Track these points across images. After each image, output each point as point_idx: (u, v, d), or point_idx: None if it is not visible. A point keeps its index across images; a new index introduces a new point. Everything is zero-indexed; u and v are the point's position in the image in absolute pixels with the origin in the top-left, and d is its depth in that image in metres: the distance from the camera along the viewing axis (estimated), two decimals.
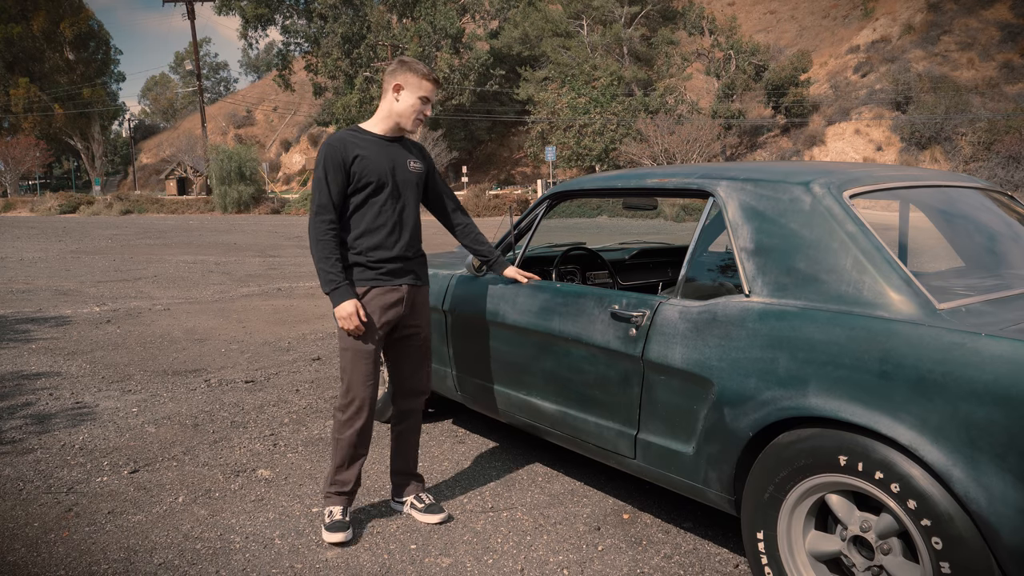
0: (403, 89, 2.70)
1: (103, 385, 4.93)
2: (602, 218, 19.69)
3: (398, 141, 2.79)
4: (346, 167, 2.64)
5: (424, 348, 2.93)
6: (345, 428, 2.76)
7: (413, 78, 2.69)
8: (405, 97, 2.70)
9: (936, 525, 1.78)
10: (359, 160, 2.65)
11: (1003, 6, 34.63)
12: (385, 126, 2.76)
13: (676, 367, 2.38)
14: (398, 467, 3.01)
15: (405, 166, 2.76)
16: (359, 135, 2.73)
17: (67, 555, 2.67)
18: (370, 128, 2.76)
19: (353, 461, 2.81)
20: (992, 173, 26.34)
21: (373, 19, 41.15)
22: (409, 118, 2.72)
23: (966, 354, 1.76)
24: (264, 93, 65.02)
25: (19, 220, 33.31)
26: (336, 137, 2.70)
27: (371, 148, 2.70)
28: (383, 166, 2.69)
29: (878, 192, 2.37)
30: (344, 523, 2.77)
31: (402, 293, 2.77)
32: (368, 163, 2.66)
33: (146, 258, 13.92)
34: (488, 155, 44.89)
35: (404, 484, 3.01)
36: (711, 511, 2.95)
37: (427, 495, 2.99)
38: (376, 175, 2.67)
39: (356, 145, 2.68)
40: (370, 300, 2.71)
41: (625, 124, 31.48)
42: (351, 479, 2.83)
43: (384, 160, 2.70)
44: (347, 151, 2.65)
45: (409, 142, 2.86)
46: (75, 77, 54.48)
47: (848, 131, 32.78)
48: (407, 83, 2.70)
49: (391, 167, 2.72)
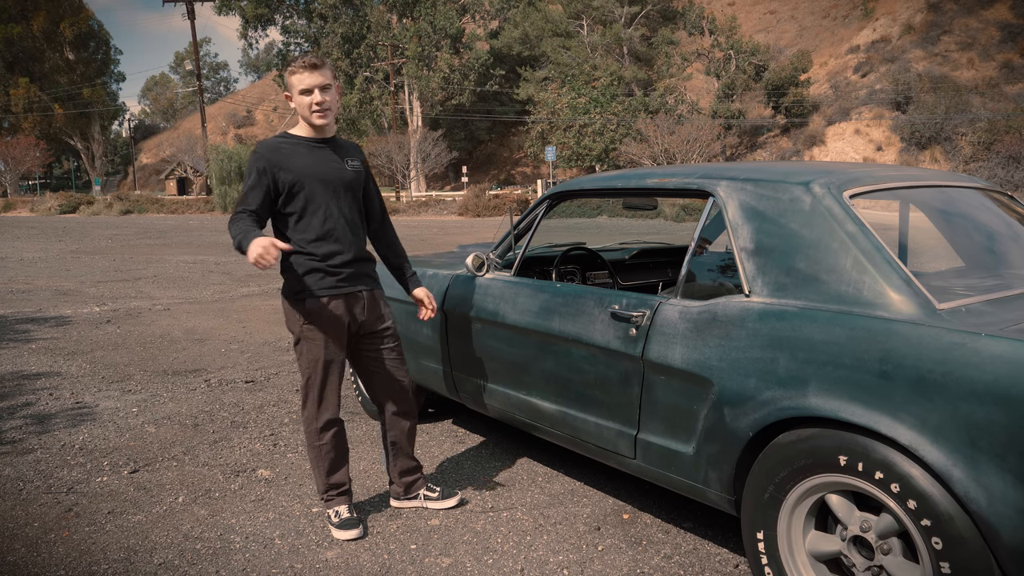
0: (290, 93, 2.69)
1: (103, 385, 4.93)
2: (602, 218, 19.68)
3: (328, 143, 2.75)
4: (273, 174, 2.62)
5: (398, 350, 2.90)
6: (322, 434, 2.78)
7: (289, 78, 2.67)
8: (294, 99, 2.68)
9: (936, 525, 1.78)
10: (288, 165, 2.63)
11: (1003, 6, 34.64)
12: (304, 129, 2.74)
13: (676, 367, 2.38)
14: (401, 467, 3.00)
15: (339, 166, 2.74)
16: (288, 140, 2.71)
17: (67, 555, 2.67)
18: (297, 133, 2.74)
19: (340, 463, 2.84)
20: (992, 173, 26.34)
21: (373, 19, 41.16)
22: (308, 114, 2.67)
23: (966, 354, 1.76)
24: (264, 93, 65.02)
25: (19, 220, 33.31)
26: (263, 144, 2.69)
27: (301, 152, 2.68)
28: (317, 169, 2.67)
29: (878, 192, 2.37)
30: (353, 520, 2.79)
31: (363, 300, 2.77)
32: (298, 168, 2.64)
33: (146, 258, 13.92)
34: (488, 155, 44.90)
35: (411, 482, 3.00)
36: (711, 511, 2.95)
37: (433, 484, 3.01)
38: (310, 179, 2.65)
39: (284, 150, 2.66)
40: (332, 309, 2.70)
41: (625, 124, 31.49)
42: (344, 480, 2.85)
43: (317, 163, 2.68)
44: (275, 157, 2.64)
45: (343, 143, 2.83)
46: (75, 77, 54.49)
47: (848, 131, 32.78)
48: (289, 86, 2.69)
49: (326, 169, 2.69)
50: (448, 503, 2.95)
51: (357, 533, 2.76)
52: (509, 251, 3.34)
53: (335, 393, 2.79)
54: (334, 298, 2.71)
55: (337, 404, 2.81)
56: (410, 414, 2.98)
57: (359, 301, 2.77)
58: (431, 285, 3.54)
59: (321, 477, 2.84)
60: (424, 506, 2.97)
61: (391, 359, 2.89)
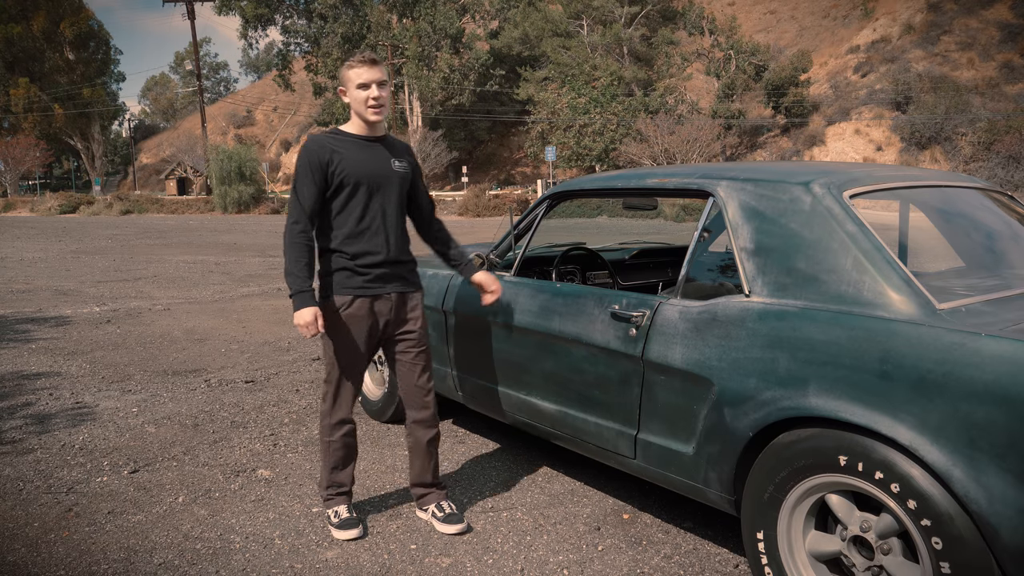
0: (345, 88, 2.71)
1: (103, 385, 4.93)
2: (602, 218, 19.67)
3: (380, 141, 2.76)
4: (324, 168, 2.64)
5: (421, 357, 2.85)
6: (333, 431, 2.81)
7: (346, 73, 2.69)
8: (350, 93, 2.70)
9: (936, 525, 1.78)
10: (337, 160, 2.64)
11: (1003, 6, 34.62)
12: (356, 125, 2.75)
13: (676, 367, 2.38)
14: (415, 479, 2.96)
15: (388, 165, 2.74)
16: (338, 136, 2.72)
17: (67, 555, 2.67)
18: (348, 130, 2.75)
19: (347, 462, 2.85)
20: (992, 173, 26.34)
21: (373, 19, 41.14)
22: (364, 110, 2.68)
23: (966, 354, 1.76)
24: (264, 93, 65.02)
25: (19, 220, 33.31)
26: (314, 139, 2.70)
27: (350, 148, 2.69)
28: (362, 166, 2.67)
29: (878, 192, 2.37)
30: (353, 520, 2.80)
31: (390, 302, 2.75)
32: (346, 163, 2.65)
33: (146, 258, 13.92)
34: (488, 155, 44.90)
35: (423, 494, 2.95)
36: (711, 511, 2.95)
37: (448, 503, 2.92)
38: (355, 176, 2.65)
39: (335, 146, 2.67)
40: (354, 310, 2.69)
41: (625, 124, 31.48)
42: (347, 479, 2.86)
43: (364, 160, 2.69)
44: (325, 152, 2.65)
45: (394, 141, 2.83)
46: (75, 77, 54.46)
47: (848, 131, 32.77)
48: (345, 80, 2.70)
49: (372, 167, 2.69)
50: (450, 528, 2.82)
51: (357, 533, 2.76)
52: (509, 251, 3.34)
53: (350, 393, 2.80)
54: (359, 298, 2.69)
55: (351, 404, 2.83)
56: (427, 425, 2.89)
57: (387, 303, 2.74)
58: (431, 286, 3.54)
59: (325, 472, 2.86)
60: (431, 522, 2.91)
61: (411, 365, 2.84)
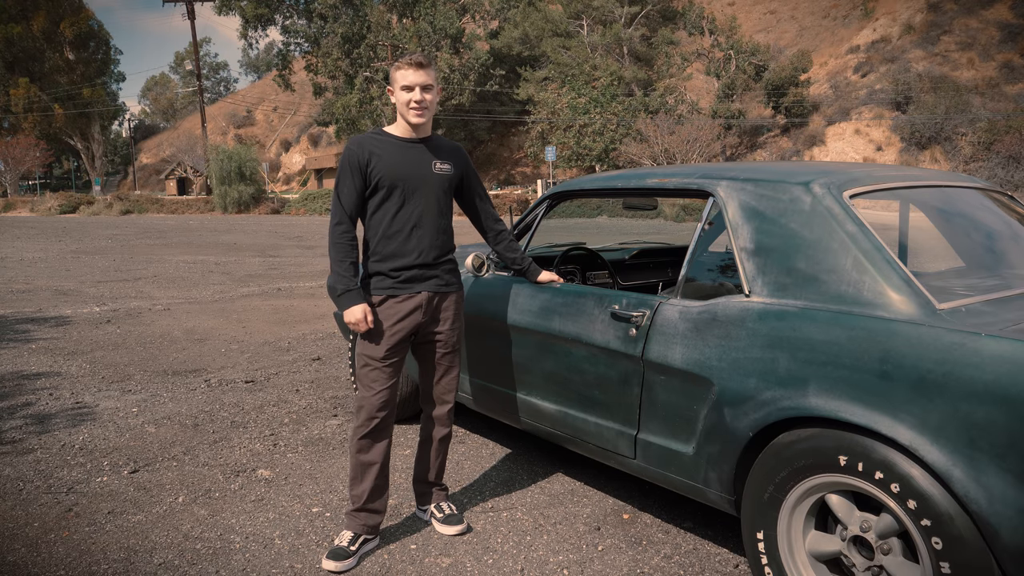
0: (392, 87, 2.71)
1: (103, 385, 4.93)
2: (602, 218, 19.69)
3: (423, 142, 2.74)
4: (363, 169, 2.63)
5: (448, 357, 2.82)
6: (355, 435, 2.68)
7: (393, 74, 2.68)
8: (396, 94, 2.69)
9: (936, 525, 1.78)
10: (375, 161, 2.63)
11: (1003, 6, 34.63)
12: (399, 126, 2.74)
13: (676, 367, 2.38)
14: (418, 475, 2.95)
15: (428, 168, 2.70)
16: (379, 137, 2.70)
17: (67, 555, 2.67)
18: (391, 131, 2.74)
19: (364, 472, 2.68)
20: (992, 173, 26.34)
21: (373, 19, 41.14)
22: (406, 111, 2.68)
23: (966, 354, 1.76)
24: (264, 93, 65.03)
25: (19, 220, 33.31)
26: (355, 139, 2.70)
27: (388, 150, 2.67)
28: (399, 168, 2.65)
29: (878, 192, 2.37)
30: (346, 551, 2.59)
31: (420, 301, 2.69)
32: (383, 165, 2.64)
33: (146, 258, 13.92)
34: (488, 155, 44.90)
35: (424, 493, 2.94)
36: (711, 511, 2.95)
37: (448, 504, 2.91)
38: (390, 177, 2.64)
39: (374, 147, 2.66)
40: (385, 309, 2.66)
41: (625, 124, 31.48)
42: (363, 493, 2.67)
43: (401, 162, 2.66)
44: (364, 153, 2.64)
45: (440, 143, 2.80)
46: (75, 77, 54.47)
47: (848, 131, 32.78)
48: (392, 80, 2.70)
49: (409, 169, 2.67)
50: (449, 529, 2.81)
51: (337, 567, 2.54)
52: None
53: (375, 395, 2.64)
54: (390, 298, 2.67)
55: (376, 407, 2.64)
56: (442, 422, 2.87)
57: (419, 303, 2.69)
58: None
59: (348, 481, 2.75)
60: (431, 522, 2.91)
61: (437, 365, 2.82)
